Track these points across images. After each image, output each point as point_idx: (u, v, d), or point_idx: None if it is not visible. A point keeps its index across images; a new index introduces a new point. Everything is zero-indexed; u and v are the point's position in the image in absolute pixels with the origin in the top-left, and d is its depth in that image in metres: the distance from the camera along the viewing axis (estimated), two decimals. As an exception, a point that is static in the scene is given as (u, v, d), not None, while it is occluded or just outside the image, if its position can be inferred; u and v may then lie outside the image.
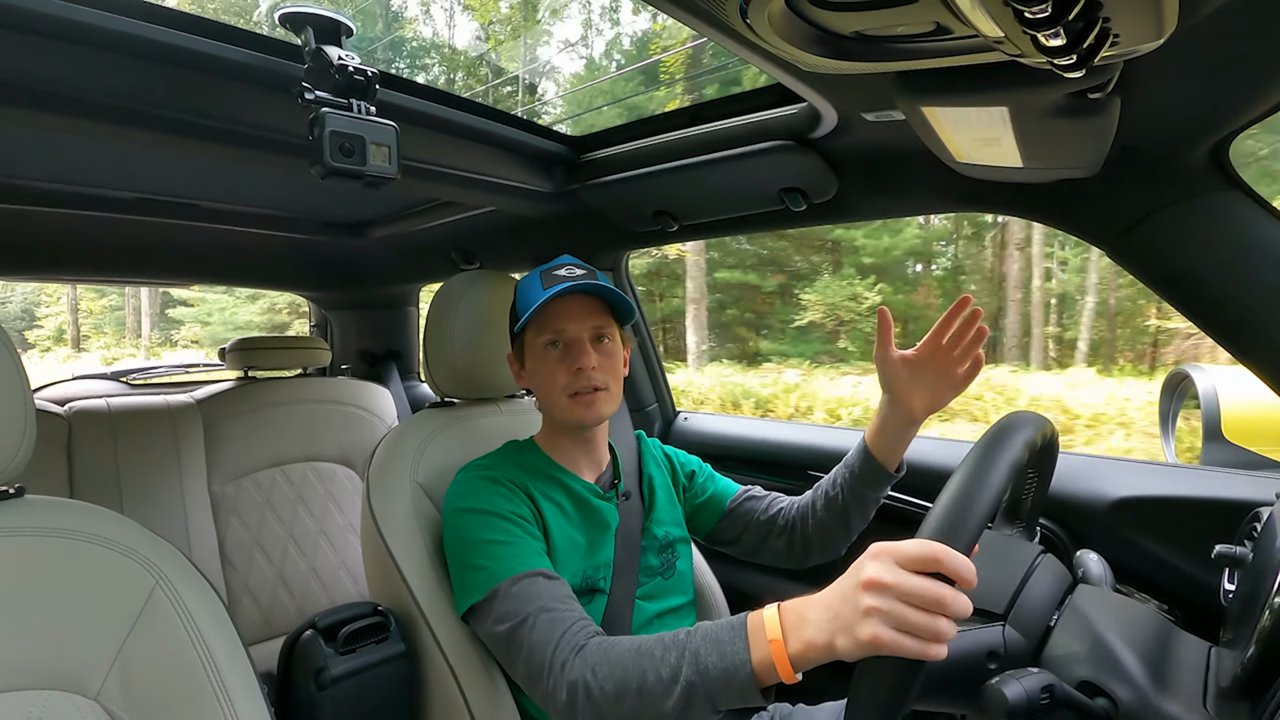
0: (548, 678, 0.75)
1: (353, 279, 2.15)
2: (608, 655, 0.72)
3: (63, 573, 0.64)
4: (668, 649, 0.69)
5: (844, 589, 0.59)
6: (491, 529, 0.87)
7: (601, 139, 1.22)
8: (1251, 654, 0.56)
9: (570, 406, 0.94)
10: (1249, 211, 0.76)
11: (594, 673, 0.71)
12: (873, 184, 1.05)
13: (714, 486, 1.13)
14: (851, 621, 0.56)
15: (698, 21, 0.63)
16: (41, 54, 0.69)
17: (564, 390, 0.94)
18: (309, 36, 0.78)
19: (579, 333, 0.94)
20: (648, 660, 0.69)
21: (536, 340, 0.96)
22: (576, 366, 0.93)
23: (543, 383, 0.96)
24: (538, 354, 0.96)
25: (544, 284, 0.94)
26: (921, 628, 0.53)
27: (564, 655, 0.75)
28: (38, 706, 0.60)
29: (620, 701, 0.69)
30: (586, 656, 0.73)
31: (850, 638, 0.56)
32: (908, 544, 0.56)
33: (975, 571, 0.54)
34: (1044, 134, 0.69)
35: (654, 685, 0.68)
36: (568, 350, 0.95)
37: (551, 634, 0.77)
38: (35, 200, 1.30)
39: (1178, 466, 1.11)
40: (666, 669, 0.68)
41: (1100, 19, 0.44)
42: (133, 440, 1.50)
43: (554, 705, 0.74)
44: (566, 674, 0.73)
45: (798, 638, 0.61)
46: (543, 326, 0.94)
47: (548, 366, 0.95)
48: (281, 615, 1.56)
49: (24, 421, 0.64)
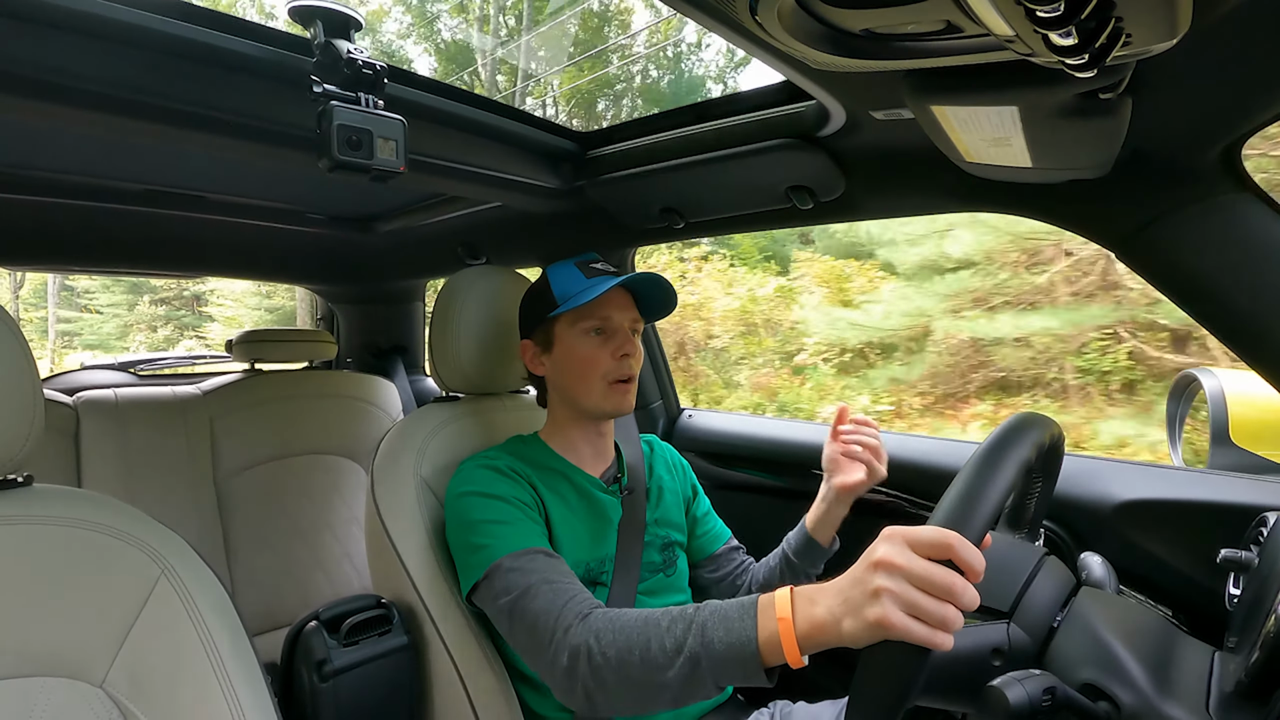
0: (549, 644, 0.75)
1: (359, 273, 2.16)
2: (613, 623, 0.72)
3: (69, 561, 0.64)
4: (675, 620, 0.69)
5: (856, 572, 0.59)
6: (492, 510, 0.88)
7: (609, 135, 1.22)
8: (1256, 659, 0.56)
9: (607, 393, 0.96)
10: (1260, 215, 0.75)
11: (598, 638, 0.71)
12: (880, 183, 1.04)
13: (711, 526, 1.15)
14: (861, 603, 0.56)
15: (707, 18, 0.62)
16: (50, 45, 0.69)
17: (605, 376, 0.95)
18: (318, 30, 0.78)
19: (621, 322, 0.97)
20: (653, 629, 0.69)
21: (576, 326, 0.96)
22: (623, 353, 0.95)
23: (578, 369, 0.97)
24: (575, 339, 0.97)
25: (585, 274, 0.96)
26: (930, 613, 0.52)
27: (568, 621, 0.75)
28: (43, 693, 0.61)
29: (622, 668, 0.69)
30: (591, 623, 0.73)
31: (859, 619, 0.56)
32: (922, 528, 0.56)
33: (984, 564, 0.53)
34: (1054, 134, 0.69)
35: (657, 654, 0.67)
36: (610, 337, 0.96)
37: (554, 602, 0.77)
38: (43, 190, 1.31)
39: (1184, 470, 1.10)
40: (671, 639, 0.67)
41: (1113, 19, 0.43)
42: (140, 431, 1.51)
43: (554, 672, 0.74)
44: (569, 638, 0.73)
45: (806, 617, 0.61)
46: (587, 314, 0.96)
47: (588, 352, 0.96)
48: (285, 606, 1.57)
49: (33, 411, 0.65)
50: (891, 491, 1.26)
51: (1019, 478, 0.59)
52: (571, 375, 0.98)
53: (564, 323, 0.98)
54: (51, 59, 0.69)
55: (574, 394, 0.99)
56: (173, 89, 0.77)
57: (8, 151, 1.16)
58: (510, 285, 1.15)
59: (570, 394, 1.00)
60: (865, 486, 0.98)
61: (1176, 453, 1.24)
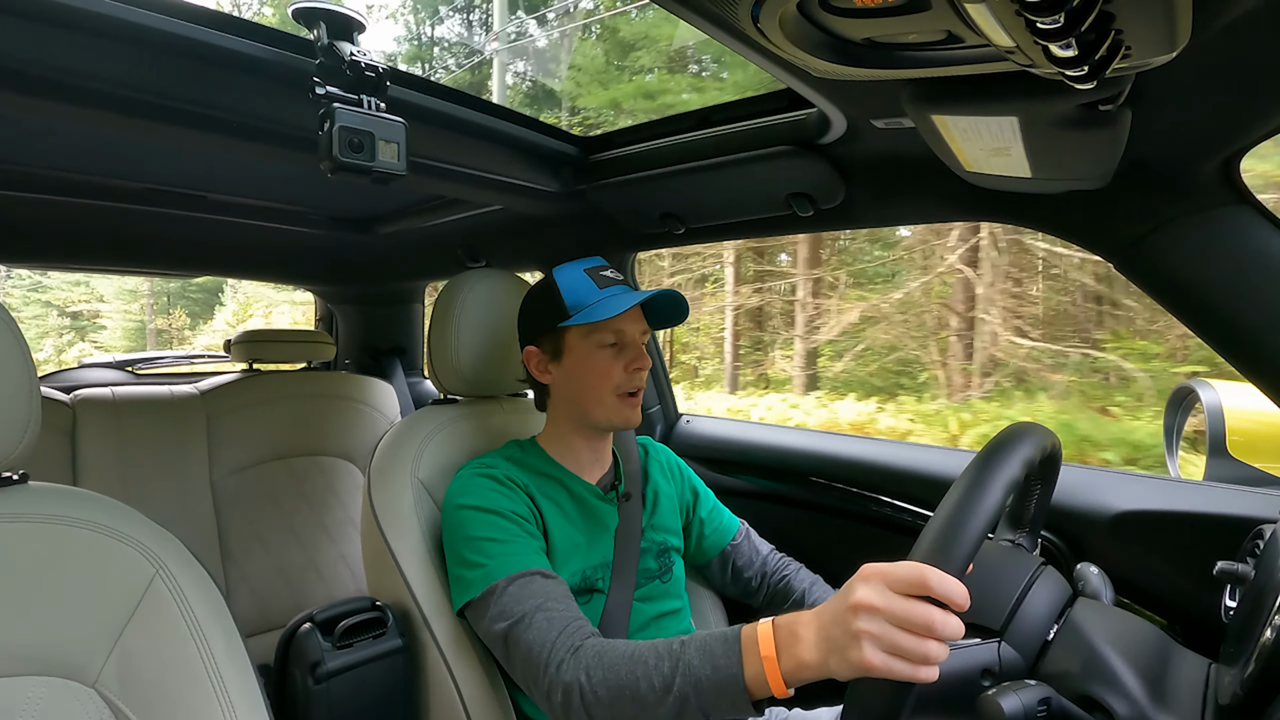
0: (543, 677, 0.75)
1: (359, 274, 2.16)
2: (602, 659, 0.72)
3: (64, 559, 0.64)
4: (661, 657, 0.69)
5: (836, 610, 0.59)
6: (490, 526, 0.88)
7: (610, 140, 1.22)
8: (1252, 671, 0.56)
9: (618, 406, 0.96)
10: (1259, 227, 0.75)
11: (588, 676, 0.72)
12: (881, 191, 1.04)
13: (719, 520, 1.15)
14: (843, 643, 0.57)
15: (708, 24, 0.63)
16: (54, 43, 0.69)
17: (616, 389, 0.95)
18: (321, 31, 0.78)
19: (635, 335, 0.96)
20: (641, 668, 0.69)
21: (590, 338, 0.95)
22: (636, 366, 0.95)
23: (591, 380, 0.96)
24: (589, 352, 0.96)
25: (598, 284, 0.95)
26: (911, 651, 0.53)
27: (560, 656, 0.75)
28: (36, 692, 0.60)
29: (614, 707, 0.70)
30: (581, 659, 0.74)
31: (842, 659, 0.57)
32: (898, 567, 0.56)
33: (967, 594, 0.54)
34: (1054, 145, 0.69)
35: (647, 693, 0.68)
36: (624, 350, 0.96)
37: (547, 634, 0.77)
38: (44, 188, 1.31)
39: (1181, 481, 1.10)
40: (659, 678, 0.68)
41: (1113, 31, 0.43)
42: (137, 430, 1.50)
43: (550, 705, 0.75)
44: (562, 675, 0.73)
45: (791, 655, 0.61)
46: (602, 326, 0.95)
47: (601, 364, 0.95)
48: (279, 608, 1.56)
49: (29, 408, 0.65)
50: (891, 501, 1.26)
51: (1006, 500, 0.59)
52: (582, 386, 0.97)
53: (576, 334, 0.96)
54: (55, 57, 0.70)
55: (584, 405, 0.98)
56: (175, 89, 0.78)
57: (10, 149, 1.16)
58: (510, 289, 1.15)
59: (579, 405, 0.99)
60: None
61: (1173, 464, 1.24)
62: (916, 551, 0.57)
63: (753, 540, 1.15)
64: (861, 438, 1.46)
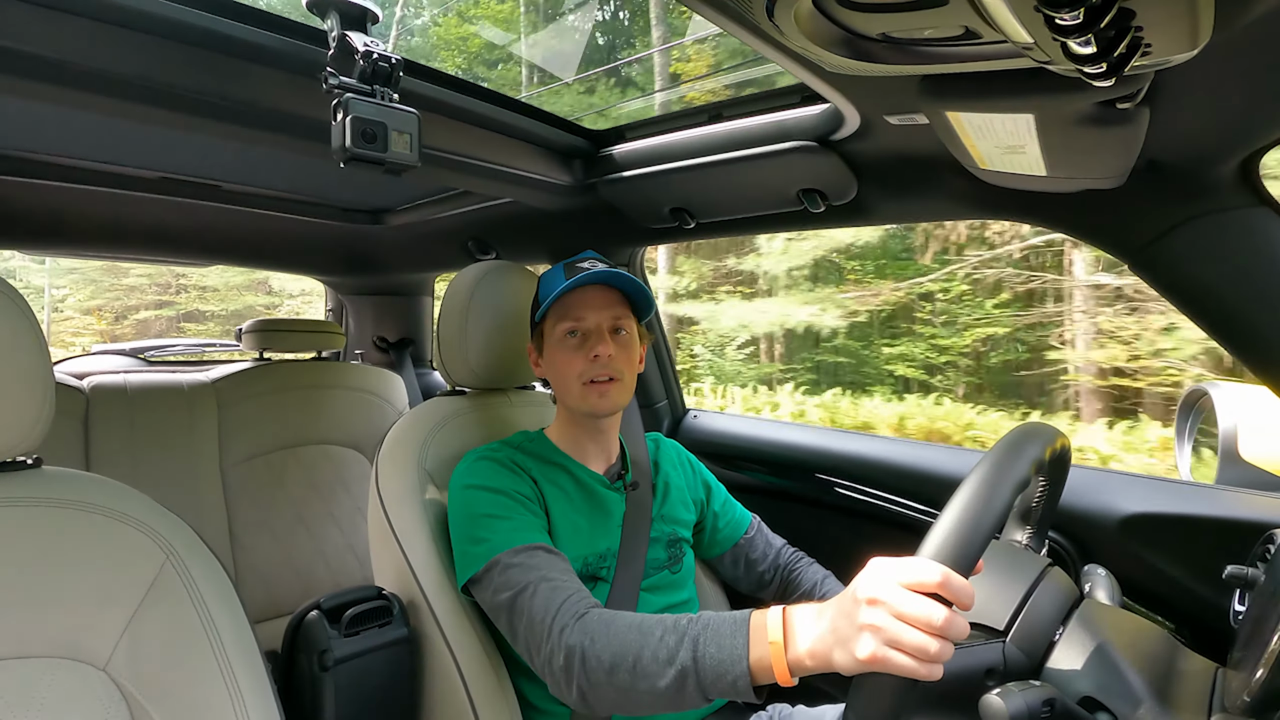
0: (546, 643, 0.76)
1: (369, 265, 2.16)
2: (608, 626, 0.73)
3: (76, 544, 0.65)
4: (668, 630, 0.70)
5: (844, 603, 0.59)
6: (494, 504, 0.89)
7: (621, 133, 1.22)
8: (1260, 677, 0.56)
9: (584, 394, 0.96)
10: (1276, 228, 0.74)
11: (592, 640, 0.72)
12: (893, 188, 1.04)
13: (732, 514, 1.15)
14: (849, 636, 0.57)
15: (724, 19, 0.62)
16: (67, 30, 0.69)
17: (579, 377, 0.95)
18: (335, 22, 0.78)
19: (598, 322, 0.96)
20: (647, 638, 0.70)
21: (556, 329, 0.97)
22: (594, 354, 0.95)
23: (559, 370, 0.98)
24: (556, 342, 0.98)
25: (566, 275, 0.96)
26: (917, 648, 0.53)
27: (564, 620, 0.76)
28: (47, 674, 0.61)
29: (614, 673, 0.70)
30: (586, 624, 0.74)
31: (847, 653, 0.57)
32: (908, 563, 0.56)
33: (974, 594, 0.54)
34: (1070, 143, 0.68)
35: (649, 663, 0.68)
36: (585, 339, 0.96)
37: (552, 600, 0.78)
38: (57, 175, 1.32)
39: (1191, 484, 1.09)
40: (664, 649, 0.68)
41: (1132, 28, 0.43)
42: (149, 417, 1.52)
43: (551, 670, 0.76)
44: (565, 638, 0.74)
45: (797, 645, 0.62)
46: (563, 315, 0.96)
47: (565, 354, 0.96)
48: (287, 595, 1.57)
49: (44, 394, 0.65)
50: (898, 499, 1.26)
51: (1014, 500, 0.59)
52: (555, 376, 0.99)
53: (548, 326, 0.99)
54: (68, 45, 0.70)
55: (560, 394, 1.01)
56: (188, 77, 0.78)
57: (24, 136, 1.17)
58: (519, 281, 1.15)
59: (559, 394, 1.01)
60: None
61: (1184, 466, 1.23)
62: (923, 550, 0.57)
63: (765, 533, 1.16)
64: (868, 435, 1.46)
